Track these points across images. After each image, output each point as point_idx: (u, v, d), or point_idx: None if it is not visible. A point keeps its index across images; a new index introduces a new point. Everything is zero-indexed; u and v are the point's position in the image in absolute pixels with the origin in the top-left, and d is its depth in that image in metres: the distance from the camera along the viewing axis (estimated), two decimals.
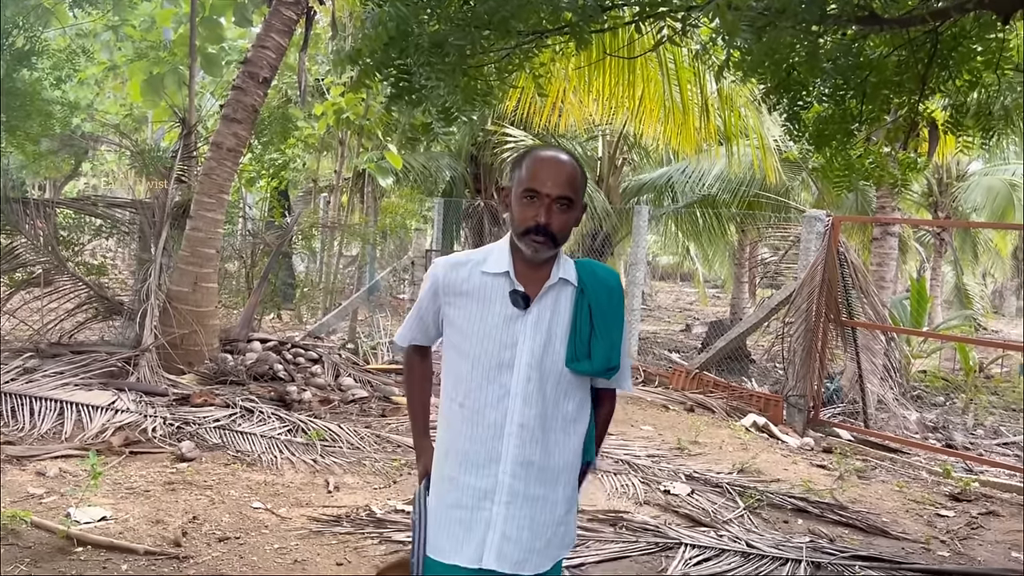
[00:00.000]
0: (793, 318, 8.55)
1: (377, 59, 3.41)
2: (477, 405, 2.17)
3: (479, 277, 2.20)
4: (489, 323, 2.17)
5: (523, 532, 2.16)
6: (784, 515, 5.56)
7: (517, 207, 2.16)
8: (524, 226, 2.14)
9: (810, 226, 8.62)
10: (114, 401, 6.60)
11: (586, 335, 2.19)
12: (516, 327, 2.16)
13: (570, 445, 2.24)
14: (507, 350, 2.16)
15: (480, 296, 2.19)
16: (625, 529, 4.94)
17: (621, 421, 7.94)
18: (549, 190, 2.12)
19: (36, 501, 4.67)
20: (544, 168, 2.15)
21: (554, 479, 2.21)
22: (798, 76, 4.24)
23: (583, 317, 2.20)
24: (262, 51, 8.34)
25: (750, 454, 6.98)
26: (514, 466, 2.16)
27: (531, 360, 2.16)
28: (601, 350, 2.20)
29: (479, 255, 2.25)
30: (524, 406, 2.15)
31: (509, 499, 2.15)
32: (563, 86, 9.63)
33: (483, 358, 2.17)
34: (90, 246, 9.33)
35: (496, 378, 2.16)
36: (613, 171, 14.25)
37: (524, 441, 2.16)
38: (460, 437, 2.19)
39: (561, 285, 2.21)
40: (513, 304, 2.16)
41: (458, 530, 2.17)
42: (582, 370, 2.21)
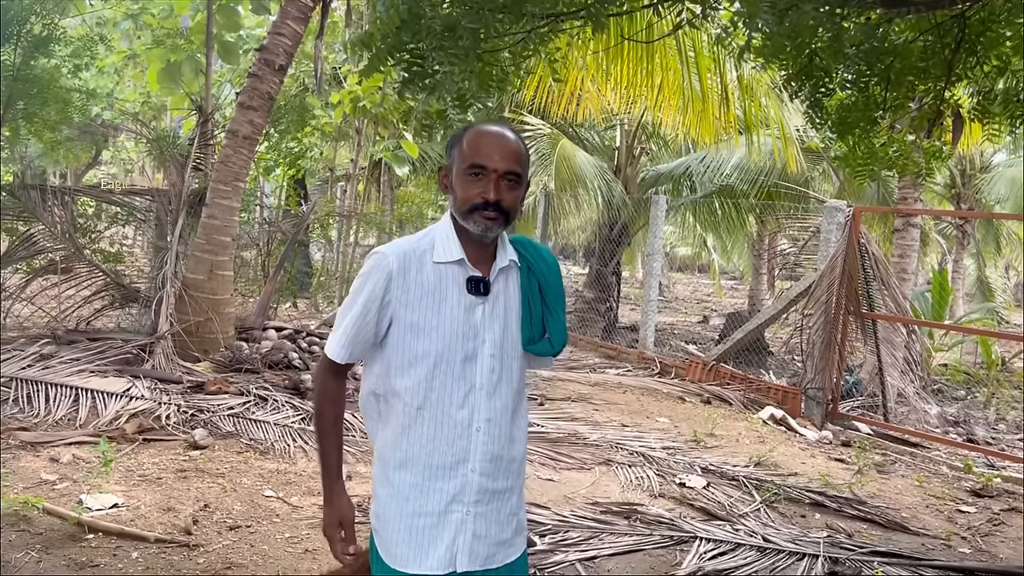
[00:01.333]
0: (812, 310, 8.44)
1: (389, 43, 3.35)
2: (442, 405, 2.02)
3: (431, 267, 2.03)
4: (448, 316, 2.01)
5: (491, 527, 2.07)
6: (801, 509, 5.48)
7: (461, 184, 2.02)
8: (471, 203, 1.99)
9: (831, 217, 8.50)
10: (129, 388, 6.60)
11: (539, 315, 2.10)
12: (476, 317, 2.03)
13: (522, 429, 2.16)
14: (469, 342, 2.02)
15: (435, 288, 2.02)
16: (639, 522, 4.88)
17: (637, 413, 7.88)
18: (496, 164, 1.99)
19: (49, 487, 4.67)
20: (490, 142, 2.02)
21: (517, 469, 2.14)
22: (820, 62, 4.15)
23: (534, 296, 2.10)
24: (278, 38, 8.30)
25: (767, 447, 6.89)
26: (483, 463, 2.05)
27: (493, 350, 2.04)
28: (556, 328, 2.13)
29: (424, 242, 2.06)
30: (489, 399, 2.04)
31: (478, 497, 2.05)
32: (581, 74, 9.54)
33: (446, 355, 2.00)
34: (107, 234, 9.34)
35: (461, 374, 2.02)
36: (631, 161, 14.12)
37: (492, 436, 2.05)
38: (422, 441, 2.03)
39: (509, 266, 2.10)
40: (471, 292, 2.03)
41: (423, 538, 2.03)
42: (542, 351, 2.13)
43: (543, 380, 8.98)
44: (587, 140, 14.97)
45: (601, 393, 8.61)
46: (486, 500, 2.06)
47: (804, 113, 4.58)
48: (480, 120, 2.37)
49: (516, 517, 2.16)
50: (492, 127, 2.08)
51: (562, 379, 9.14)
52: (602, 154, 14.75)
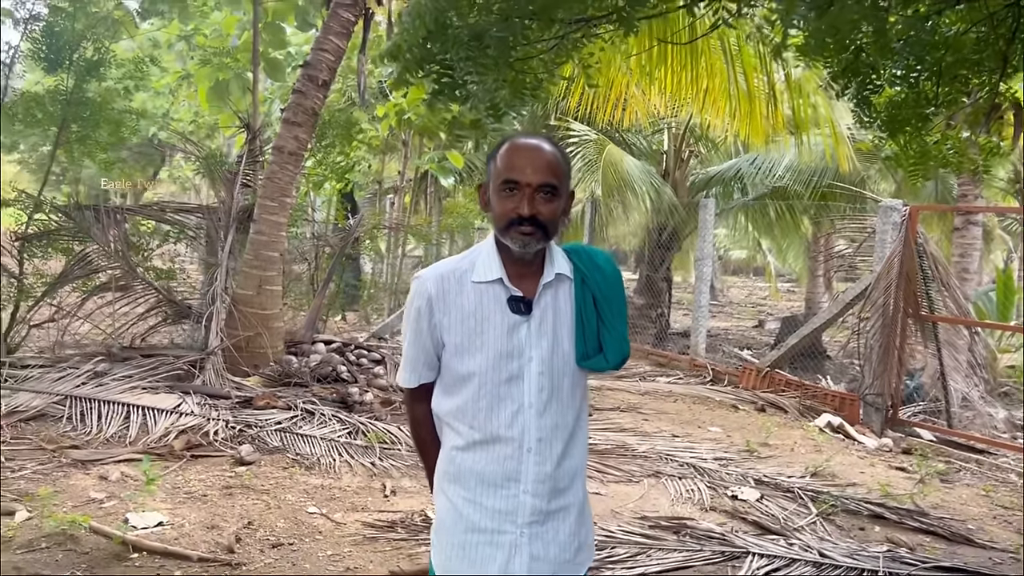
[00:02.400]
0: (869, 313, 8.18)
1: (417, 54, 3.30)
2: (490, 427, 1.99)
3: (471, 287, 2.01)
4: (490, 337, 1.98)
5: (550, 548, 2.02)
6: (860, 522, 5.28)
7: (496, 201, 1.98)
8: (507, 219, 1.95)
9: (886, 216, 8.24)
10: (179, 404, 6.67)
11: (594, 328, 2.02)
12: (520, 336, 1.98)
13: (582, 445, 2.11)
14: (514, 362, 1.98)
15: (476, 309, 2.00)
16: (689, 537, 4.74)
17: (688, 422, 7.72)
18: (529, 178, 1.94)
19: (96, 506, 4.71)
20: (522, 156, 1.97)
21: (571, 485, 2.07)
22: (867, 58, 3.99)
23: (588, 309, 2.02)
24: (321, 54, 8.35)
25: (824, 456, 6.68)
26: (535, 484, 2.00)
27: (541, 368, 1.99)
28: (613, 342, 2.04)
29: (464, 263, 2.05)
30: (539, 419, 1.99)
31: (533, 519, 2.00)
32: (626, 79, 9.43)
33: (490, 375, 1.97)
34: (160, 251, 9.49)
35: (507, 394, 1.98)
36: (679, 164, 13.93)
37: (544, 457, 2.00)
38: (473, 459, 2.02)
39: (558, 280, 2.03)
40: (513, 312, 1.98)
41: (476, 554, 2.00)
42: (598, 367, 2.05)
43: (591, 390, 8.86)
44: (634, 145, 14.82)
45: (651, 402, 8.46)
46: (542, 521, 2.01)
47: (852, 111, 4.42)
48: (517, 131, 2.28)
49: (578, 536, 2.09)
50: (525, 139, 2.03)
51: (611, 388, 9.01)
52: (650, 158, 14.58)
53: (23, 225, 8.69)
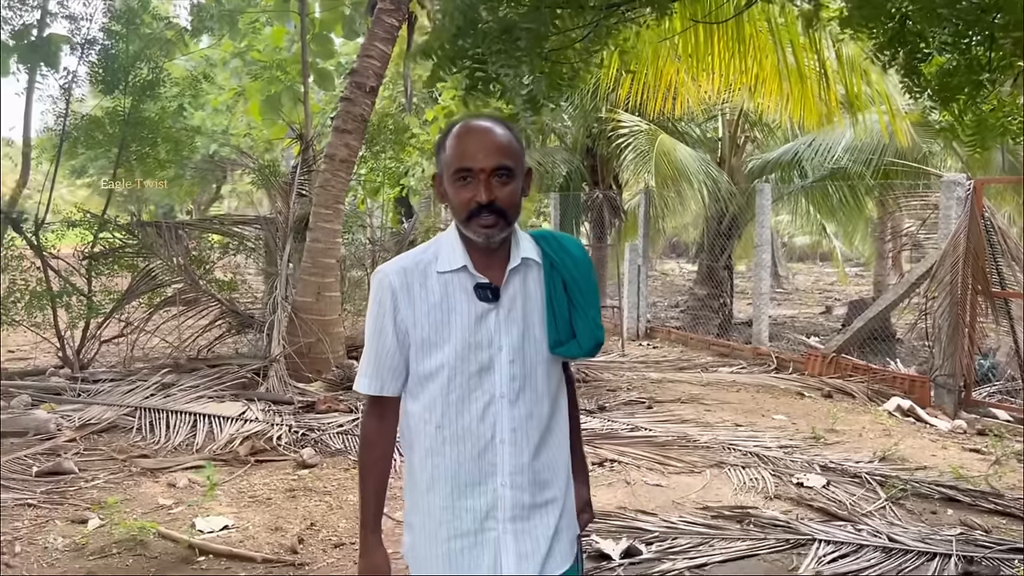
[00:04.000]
0: (936, 292, 7.93)
1: (448, 51, 3.31)
2: (462, 422, 1.90)
3: (435, 278, 1.91)
4: (457, 327, 1.88)
5: (539, 544, 1.94)
6: (932, 505, 5.12)
7: (452, 192, 1.88)
8: (466, 210, 1.85)
9: (949, 192, 7.97)
10: (244, 411, 6.82)
11: (566, 314, 1.94)
12: (488, 324, 1.89)
13: (561, 434, 2.02)
14: (483, 352, 1.89)
15: (441, 300, 1.90)
16: (753, 526, 4.66)
17: (751, 411, 7.59)
18: (482, 163, 1.84)
19: (165, 512, 4.84)
20: (471, 141, 1.86)
21: (553, 476, 1.98)
22: (913, 26, 3.86)
23: (558, 294, 1.94)
24: (367, 60, 8.44)
25: (893, 440, 6.49)
26: (512, 477, 1.91)
27: (512, 356, 1.90)
28: (585, 327, 1.95)
29: (427, 254, 1.95)
30: (512, 408, 1.90)
31: (515, 513, 1.91)
32: (675, 67, 9.30)
33: (459, 367, 1.88)
34: (220, 263, 9.72)
35: (477, 386, 1.89)
36: (735, 151, 13.70)
37: (520, 447, 1.91)
38: (446, 460, 1.91)
39: (525, 266, 1.94)
40: (480, 300, 1.89)
41: (462, 561, 1.91)
42: (571, 353, 1.96)
43: (652, 383, 8.78)
44: (687, 134, 14.62)
45: (713, 393, 8.34)
46: (526, 516, 1.93)
47: (901, 82, 4.28)
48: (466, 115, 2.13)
49: (567, 522, 2.02)
50: (473, 122, 1.92)
51: (672, 381, 8.91)
52: (704, 146, 14.38)
53: (89, 244, 8.99)
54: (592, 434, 6.46)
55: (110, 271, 9.08)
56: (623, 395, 8.08)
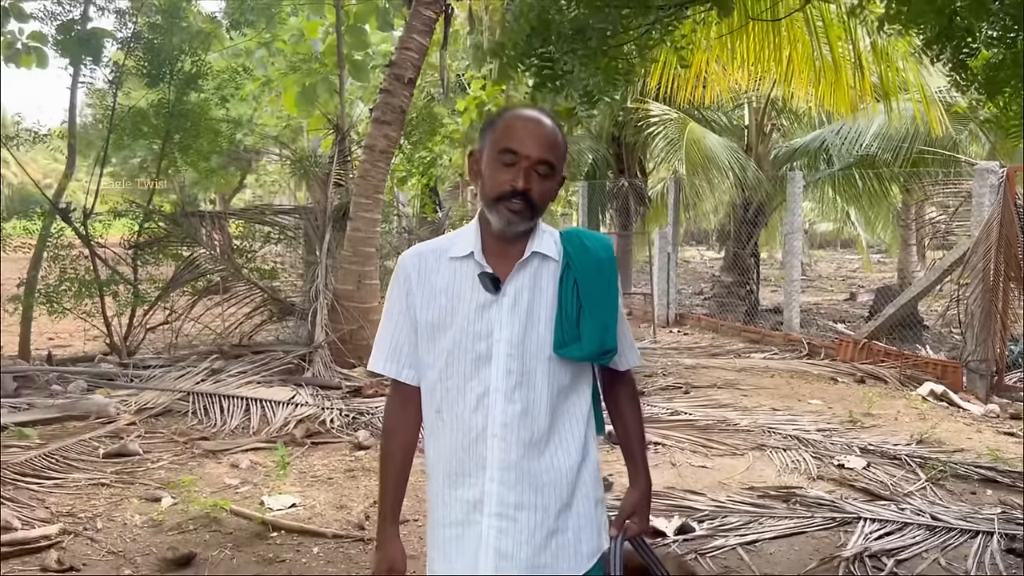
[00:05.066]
0: (969, 279, 8.03)
1: (519, 50, 3.47)
2: (457, 409, 1.89)
3: (447, 265, 1.92)
4: (460, 314, 1.88)
5: (521, 549, 1.86)
6: (971, 486, 5.26)
7: (491, 171, 1.87)
8: (499, 191, 1.85)
9: (982, 179, 8.06)
10: (293, 396, 7.04)
11: (573, 315, 1.89)
12: (490, 314, 1.87)
13: (567, 441, 1.94)
14: (482, 342, 1.87)
15: (449, 286, 1.91)
16: (799, 505, 4.82)
17: (787, 396, 7.73)
18: (529, 151, 1.84)
19: (233, 491, 5.05)
20: (525, 127, 1.87)
21: (552, 483, 1.90)
22: (961, 21, 3.98)
23: (569, 295, 1.90)
24: (405, 53, 8.60)
25: (928, 424, 6.63)
26: (501, 472, 1.86)
27: (510, 350, 1.86)
28: (592, 331, 1.89)
29: (446, 242, 1.97)
30: (506, 403, 1.86)
31: (500, 510, 1.86)
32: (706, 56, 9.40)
33: (457, 354, 1.88)
34: (261, 252, 9.93)
35: (474, 375, 1.87)
36: (762, 139, 13.77)
37: (509, 443, 1.86)
38: (444, 448, 1.91)
39: (540, 261, 1.91)
40: (483, 288, 1.88)
41: (450, 549, 1.91)
42: (572, 355, 1.90)
43: (686, 368, 8.93)
44: (714, 122, 14.70)
45: (748, 378, 8.49)
46: (510, 514, 1.86)
47: (947, 75, 4.40)
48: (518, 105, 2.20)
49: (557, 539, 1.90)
50: (529, 112, 1.93)
51: (705, 367, 9.07)
52: (731, 134, 14.46)
53: (135, 234, 9.23)
54: None
55: (155, 260, 9.30)
56: (659, 381, 8.24)
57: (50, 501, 4.84)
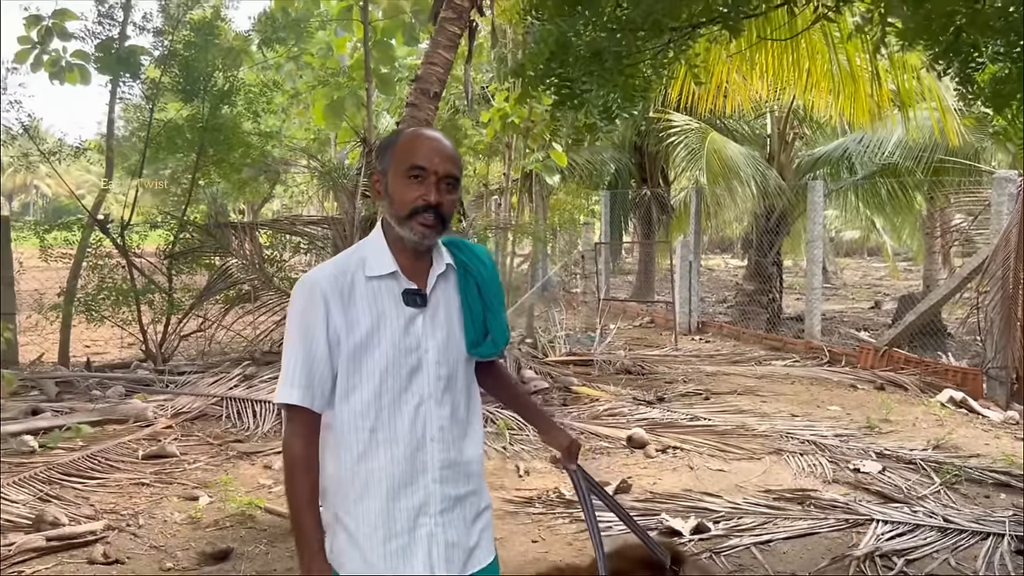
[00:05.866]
0: (988, 286, 8.11)
1: (540, 72, 3.66)
2: (394, 423, 1.96)
3: (364, 284, 1.96)
4: (388, 332, 1.94)
5: (462, 533, 2.02)
6: (985, 490, 5.37)
7: (399, 188, 1.95)
8: (411, 207, 1.93)
9: (1000, 188, 8.15)
10: None
11: (480, 316, 2.07)
12: (416, 328, 1.98)
13: (477, 430, 2.12)
14: (412, 355, 1.97)
15: (371, 306, 1.95)
16: (813, 507, 4.96)
17: (806, 403, 7.85)
18: (437, 166, 1.94)
19: (266, 491, 5.27)
20: (429, 144, 1.98)
21: (474, 471, 2.09)
22: (967, 37, 4.12)
23: (473, 298, 2.06)
24: (431, 67, 8.81)
25: (946, 430, 6.73)
26: (442, 471, 2.00)
27: (438, 358, 2.00)
28: (498, 327, 2.09)
29: (353, 260, 2.00)
30: (439, 408, 2.00)
31: (443, 506, 2.00)
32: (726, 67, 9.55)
33: (391, 371, 1.94)
34: (291, 261, 10.19)
35: (407, 387, 1.96)
36: (784, 147, 13.87)
37: (447, 443, 2.01)
38: (381, 465, 1.96)
39: (446, 271, 2.06)
40: (409, 305, 1.97)
41: (398, 561, 1.96)
42: (486, 352, 2.08)
43: (707, 375, 9.07)
44: (736, 131, 14.83)
45: (768, 385, 8.61)
46: (451, 507, 2.01)
47: (955, 89, 4.54)
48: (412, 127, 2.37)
49: (482, 519, 2.09)
50: (428, 131, 2.04)
51: (726, 373, 9.19)
52: (753, 143, 14.58)
53: (170, 244, 9.52)
54: (653, 423, 6.80)
55: (189, 269, 9.59)
56: (680, 387, 8.39)
57: (94, 499, 5.09)
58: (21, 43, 9.63)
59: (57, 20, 9.64)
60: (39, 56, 9.61)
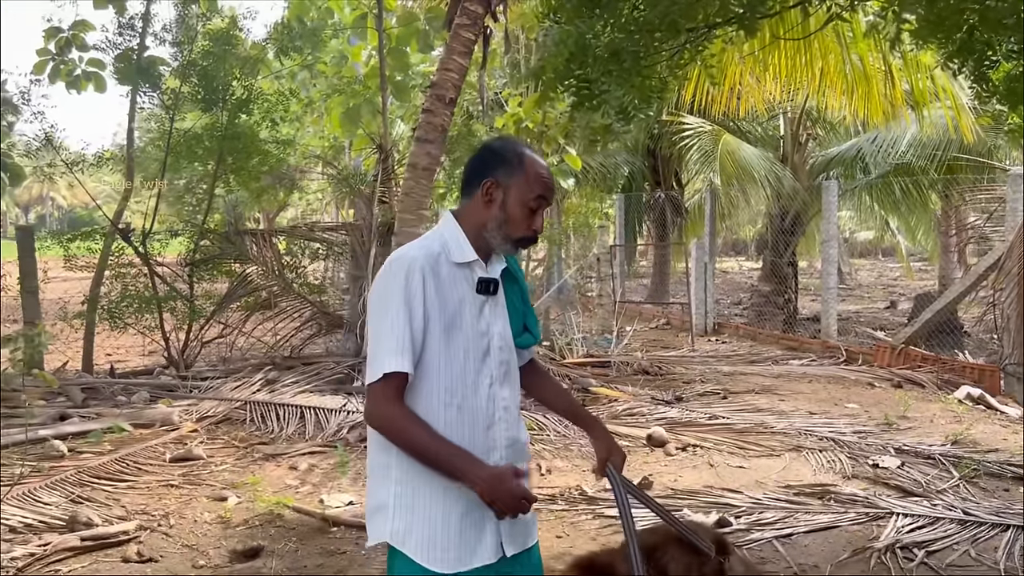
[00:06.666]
0: (1004, 283, 8.13)
1: (559, 74, 3.74)
2: (473, 402, 2.10)
3: (449, 269, 2.10)
4: (467, 315, 2.11)
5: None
6: (1004, 484, 5.40)
7: (519, 211, 2.12)
8: (524, 234, 2.14)
9: (1016, 185, 8.18)
10: (345, 404, 7.35)
11: (520, 312, 2.26)
12: (486, 314, 2.14)
13: (521, 416, 2.28)
14: (483, 338, 2.13)
15: (455, 289, 2.10)
16: (833, 501, 5.01)
17: (824, 401, 7.88)
18: (551, 199, 2.15)
19: (293, 491, 5.36)
20: (549, 177, 2.16)
21: (527, 451, 2.27)
22: (980, 35, 4.17)
23: (515, 294, 2.25)
24: (446, 74, 8.90)
25: (964, 426, 6.75)
26: (506, 450, 2.15)
27: (501, 343, 2.16)
28: (533, 321, 2.31)
29: (436, 245, 2.12)
30: (502, 389, 2.16)
31: None
32: (739, 69, 9.61)
33: (471, 352, 2.10)
34: (310, 268, 10.30)
35: (481, 369, 2.12)
36: (797, 148, 13.91)
37: (509, 423, 2.17)
38: (463, 438, 2.07)
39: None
40: (481, 292, 2.13)
41: (471, 534, 2.08)
42: (527, 343, 2.27)
43: (724, 375, 9.11)
44: (749, 133, 14.87)
45: (785, 384, 8.64)
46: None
47: (970, 87, 4.59)
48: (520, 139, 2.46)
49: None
50: (541, 159, 2.18)
51: (743, 373, 9.23)
52: (766, 144, 14.62)
53: (191, 252, 9.65)
54: (672, 422, 6.85)
55: (210, 277, 9.72)
56: (698, 387, 8.44)
57: (124, 501, 5.19)
58: (40, 55, 9.80)
59: (76, 31, 9.80)
60: (56, 67, 9.78)
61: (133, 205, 10.88)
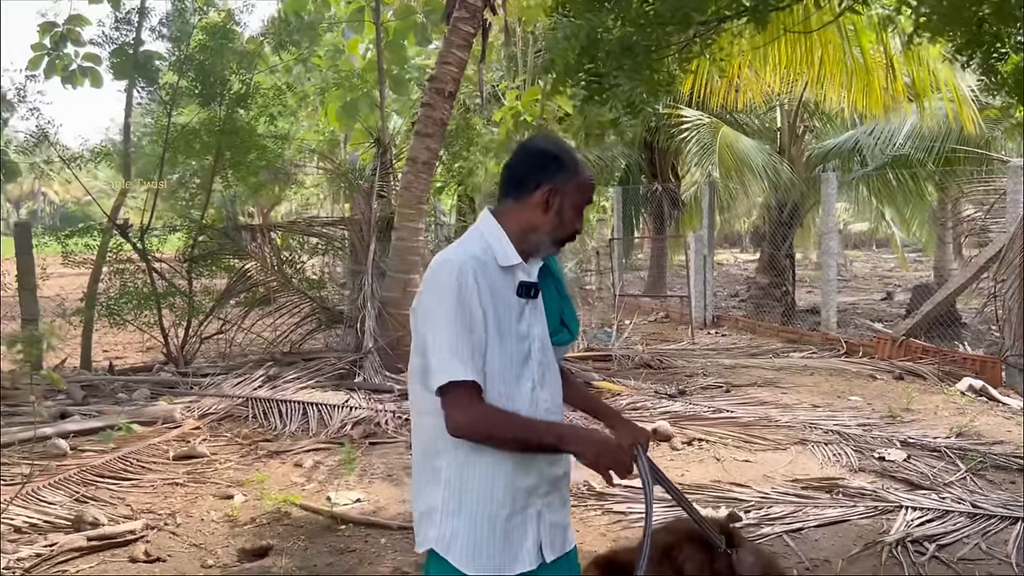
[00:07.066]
0: (1005, 275, 8.14)
1: (570, 68, 3.71)
2: (516, 406, 2.06)
3: (496, 273, 2.07)
4: (512, 318, 2.07)
5: (557, 513, 2.14)
6: (1011, 476, 5.40)
7: (571, 214, 2.14)
8: (571, 232, 2.15)
9: (1016, 177, 8.17)
10: (347, 400, 7.32)
11: (558, 309, 2.22)
12: (527, 318, 2.10)
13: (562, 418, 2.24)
14: (525, 342, 2.09)
15: (501, 293, 2.06)
16: (841, 495, 5.00)
17: (827, 393, 7.88)
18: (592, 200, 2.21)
19: (299, 488, 5.34)
20: (593, 180, 2.19)
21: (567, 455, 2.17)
22: (990, 28, 4.16)
23: (551, 293, 2.21)
24: (445, 67, 8.88)
25: (967, 418, 6.76)
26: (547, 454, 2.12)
27: (541, 346, 2.13)
28: (572, 317, 2.27)
29: (478, 247, 2.08)
30: (543, 392, 2.12)
31: (548, 488, 2.11)
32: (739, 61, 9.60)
33: (515, 356, 2.07)
34: (309, 263, 10.25)
35: (522, 372, 2.08)
36: (795, 140, 13.89)
37: None
38: None
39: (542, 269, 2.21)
40: (522, 296, 2.09)
41: (516, 538, 2.07)
42: (564, 341, 2.23)
43: (726, 368, 9.11)
44: (746, 125, 14.85)
45: (787, 377, 8.64)
46: (552, 488, 2.12)
47: (979, 80, 4.58)
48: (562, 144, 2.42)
49: (568, 501, 2.22)
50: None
51: (745, 366, 9.23)
52: (764, 137, 14.60)
53: (190, 248, 9.59)
54: (676, 416, 6.84)
55: (209, 272, 9.67)
56: (700, 380, 8.43)
57: (130, 500, 5.15)
58: (35, 50, 9.72)
59: (71, 26, 9.72)
60: (51, 62, 9.70)
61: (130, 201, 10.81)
